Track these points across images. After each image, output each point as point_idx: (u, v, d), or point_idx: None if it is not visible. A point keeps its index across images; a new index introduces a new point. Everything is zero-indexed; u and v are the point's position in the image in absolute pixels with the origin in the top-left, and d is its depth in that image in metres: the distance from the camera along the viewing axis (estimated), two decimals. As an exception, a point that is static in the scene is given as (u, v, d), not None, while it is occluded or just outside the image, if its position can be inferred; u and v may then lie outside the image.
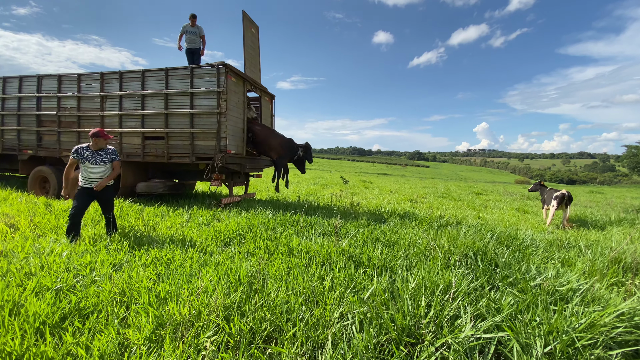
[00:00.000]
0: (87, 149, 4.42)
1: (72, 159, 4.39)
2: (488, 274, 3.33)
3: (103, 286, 2.83)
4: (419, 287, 2.86)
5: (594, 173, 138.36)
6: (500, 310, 2.65)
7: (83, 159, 4.39)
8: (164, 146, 7.00)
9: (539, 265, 3.62)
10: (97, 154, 4.46)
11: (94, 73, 7.59)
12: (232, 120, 6.80)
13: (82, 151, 4.40)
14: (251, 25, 7.98)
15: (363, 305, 2.52)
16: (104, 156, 4.51)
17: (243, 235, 4.42)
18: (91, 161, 4.41)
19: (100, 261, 3.46)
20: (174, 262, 3.47)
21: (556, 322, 2.43)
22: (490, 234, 4.70)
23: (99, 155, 4.47)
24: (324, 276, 3.06)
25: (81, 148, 4.42)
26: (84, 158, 4.39)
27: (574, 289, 3.10)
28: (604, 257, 4.23)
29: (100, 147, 4.47)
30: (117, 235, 4.40)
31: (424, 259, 3.73)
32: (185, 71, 6.78)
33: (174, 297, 2.61)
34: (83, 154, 4.39)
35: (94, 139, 4.40)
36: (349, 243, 3.99)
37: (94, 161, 4.43)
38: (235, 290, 2.74)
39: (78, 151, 4.39)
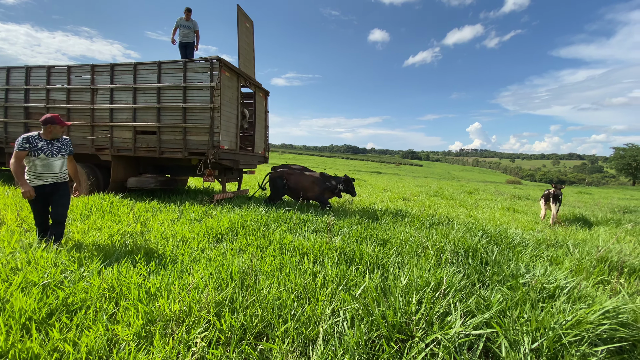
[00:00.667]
0: (40, 138, 3.64)
1: (20, 151, 3.53)
2: (478, 271, 3.37)
3: (92, 282, 2.78)
4: (411, 284, 2.88)
5: (582, 174, 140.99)
6: (490, 307, 2.69)
7: (36, 151, 3.58)
8: (156, 141, 6.91)
9: (528, 263, 3.68)
10: (53, 144, 3.71)
11: (85, 65, 7.45)
12: (225, 115, 6.73)
13: (34, 141, 3.58)
14: (246, 20, 7.90)
15: (355, 302, 2.53)
16: (60, 147, 3.78)
17: (235, 231, 4.40)
18: (47, 152, 3.64)
19: (90, 256, 3.41)
20: (165, 258, 3.43)
21: (543, 319, 2.48)
22: (480, 233, 4.75)
23: (54, 146, 3.72)
24: (316, 273, 3.06)
25: (32, 137, 3.60)
26: (37, 149, 3.58)
27: (561, 286, 3.15)
28: (591, 256, 4.32)
29: (56, 136, 3.74)
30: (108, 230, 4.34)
31: (416, 256, 3.76)
32: (178, 65, 6.69)
33: (165, 293, 2.58)
34: (36, 144, 3.58)
35: (49, 126, 3.64)
36: (341, 240, 3.99)
37: (50, 153, 3.67)
38: (226, 287, 2.72)
39: (29, 140, 3.55)
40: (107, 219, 5.09)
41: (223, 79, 6.54)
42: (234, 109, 7.12)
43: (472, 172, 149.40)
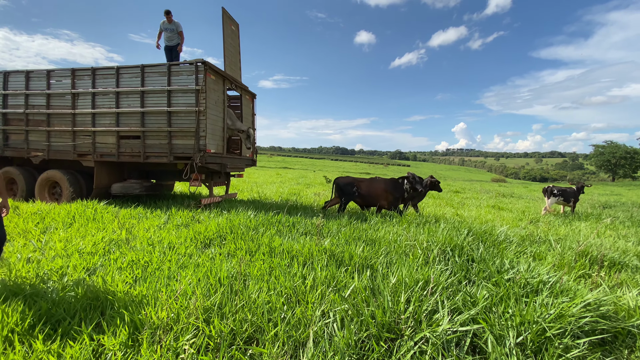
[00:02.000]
0: None
1: None
2: (465, 269, 3.44)
3: (76, 292, 2.72)
4: (399, 284, 2.92)
5: (564, 171, 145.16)
6: (476, 304, 2.74)
7: None
8: (140, 145, 6.79)
9: (512, 259, 3.77)
10: None
11: (65, 69, 7.27)
12: (211, 118, 6.68)
13: None
14: (231, 22, 7.86)
15: (344, 303, 2.54)
16: None
17: (224, 236, 4.36)
18: None
19: (73, 266, 3.32)
20: (152, 265, 3.38)
21: (527, 314, 2.55)
22: (466, 231, 4.84)
23: None
24: (305, 275, 3.07)
25: None
26: None
27: (544, 281, 3.25)
28: (572, 251, 4.46)
29: None
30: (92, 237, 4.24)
31: (404, 255, 3.80)
32: (162, 68, 6.60)
33: (152, 300, 2.54)
34: None
35: None
36: (331, 242, 4.01)
37: None
38: (215, 292, 2.70)
39: None
40: (91, 226, 4.97)
41: (208, 82, 6.49)
42: (220, 112, 7.06)
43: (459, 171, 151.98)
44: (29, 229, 4.72)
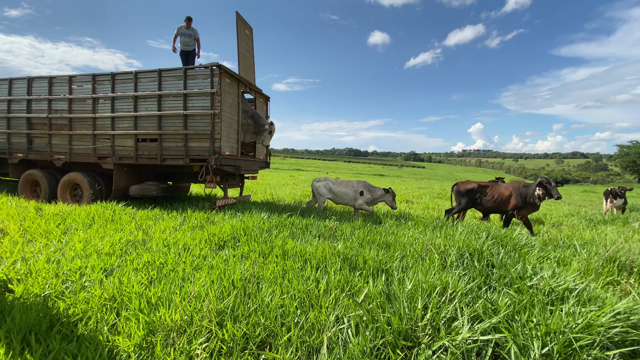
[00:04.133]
0: None
1: None
2: (484, 274, 3.31)
3: (93, 292, 2.76)
4: (416, 289, 2.83)
5: (587, 172, 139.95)
6: (497, 312, 2.63)
7: None
8: (158, 148, 6.92)
9: (535, 265, 3.61)
10: None
11: (86, 75, 7.50)
12: (226, 121, 6.74)
13: None
14: (245, 26, 7.93)
15: (359, 309, 2.48)
16: None
17: (237, 238, 4.37)
18: None
19: (91, 266, 3.39)
20: (167, 266, 3.41)
21: (553, 323, 2.42)
22: (485, 234, 4.68)
23: None
24: (319, 279, 3.02)
25: None
26: None
27: (570, 288, 3.09)
28: (599, 257, 4.24)
29: None
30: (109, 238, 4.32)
31: (420, 260, 3.70)
32: (178, 72, 6.72)
33: (166, 302, 2.55)
34: None
35: None
36: (344, 245, 3.95)
37: None
38: (228, 295, 2.68)
39: None
40: (110, 227, 5.07)
41: (223, 85, 6.55)
42: (234, 115, 7.12)
43: (475, 172, 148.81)
44: (51, 230, 4.86)
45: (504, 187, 6.56)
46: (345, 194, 7.16)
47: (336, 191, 7.20)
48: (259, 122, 7.92)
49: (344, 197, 7.20)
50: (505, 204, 6.45)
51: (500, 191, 6.52)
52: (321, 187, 7.30)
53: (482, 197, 6.58)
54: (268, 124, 7.98)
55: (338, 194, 7.20)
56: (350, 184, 7.26)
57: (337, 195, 7.23)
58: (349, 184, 7.25)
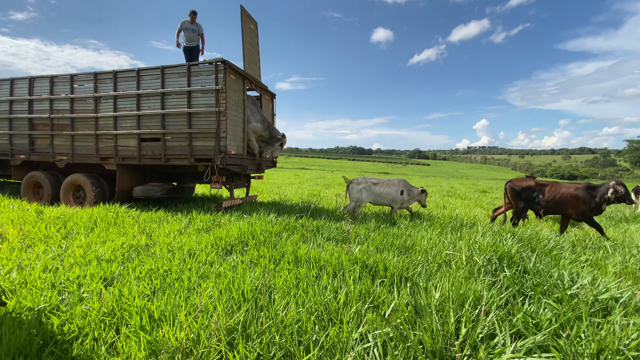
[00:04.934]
0: None
1: None
2: (517, 282, 3.02)
3: (91, 305, 2.52)
4: (445, 300, 2.55)
5: (595, 168, 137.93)
6: (539, 326, 2.34)
7: None
8: (161, 148, 6.69)
9: (571, 270, 3.30)
10: None
11: (87, 73, 7.29)
12: (231, 119, 6.49)
13: None
14: (250, 21, 7.67)
15: (385, 325, 2.21)
16: None
17: (245, 242, 4.11)
18: None
19: (90, 275, 3.15)
20: (171, 274, 3.16)
21: (606, 339, 2.13)
22: (510, 236, 4.38)
23: None
24: (337, 289, 2.75)
25: None
26: None
27: (615, 297, 2.79)
28: (636, 259, 3.92)
29: None
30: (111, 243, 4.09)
31: (445, 265, 3.42)
32: (182, 69, 6.47)
33: (170, 317, 2.30)
34: None
35: None
36: (361, 250, 3.67)
37: None
38: (238, 309, 2.43)
39: None
40: (112, 231, 4.85)
41: (228, 82, 6.30)
42: (240, 112, 6.87)
43: (481, 169, 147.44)
44: (51, 234, 4.65)
45: (565, 186, 6.10)
46: (387, 194, 6.70)
47: (378, 192, 6.70)
48: (272, 134, 7.71)
49: (386, 197, 6.72)
50: (568, 206, 5.93)
51: (562, 191, 6.02)
52: (362, 189, 6.73)
53: (540, 196, 6.11)
54: (280, 135, 7.75)
55: (380, 194, 6.71)
56: (392, 183, 6.81)
57: (379, 196, 6.72)
58: (390, 184, 6.80)
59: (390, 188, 6.71)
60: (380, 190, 6.70)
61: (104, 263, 3.47)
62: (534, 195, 6.13)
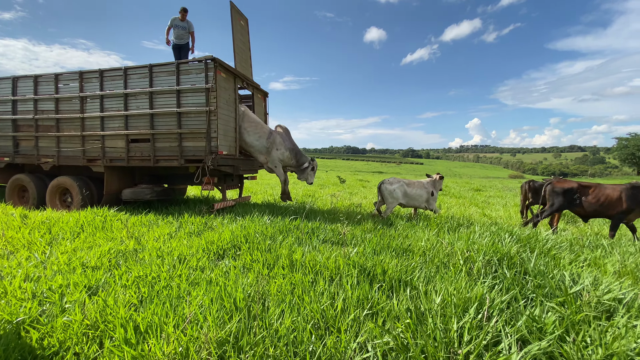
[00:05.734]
0: None
1: None
2: (518, 283, 2.94)
3: (73, 317, 2.36)
4: (446, 305, 2.46)
5: (584, 166, 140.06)
6: (544, 330, 2.26)
7: None
8: (150, 149, 6.50)
9: (571, 270, 3.24)
10: None
11: (72, 72, 7.06)
12: (222, 118, 6.33)
13: None
14: (240, 17, 7.51)
15: (385, 334, 2.10)
16: None
17: (238, 246, 3.97)
18: None
19: (74, 283, 2.99)
20: (160, 281, 3.01)
21: (614, 344, 2.05)
22: (507, 235, 4.32)
23: None
24: (334, 295, 2.63)
25: None
26: None
27: (618, 298, 2.73)
28: (634, 258, 3.89)
29: None
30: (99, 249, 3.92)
31: (443, 267, 3.33)
32: (170, 67, 6.29)
33: (157, 330, 2.16)
34: None
35: None
36: (357, 252, 3.57)
37: None
38: (230, 319, 2.30)
39: None
40: (99, 236, 4.67)
41: (219, 80, 6.14)
42: (231, 111, 6.71)
43: (474, 168, 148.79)
44: (35, 240, 4.45)
45: (610, 188, 5.95)
46: (419, 195, 6.58)
47: (411, 194, 6.57)
48: (300, 161, 7.24)
49: (418, 199, 6.59)
50: (613, 207, 5.77)
51: (607, 193, 5.84)
52: (396, 190, 6.54)
53: (582, 197, 5.94)
54: (309, 160, 7.31)
55: (413, 196, 6.57)
56: (422, 184, 6.70)
57: (411, 198, 6.59)
58: (421, 185, 6.69)
59: (421, 190, 6.62)
60: (412, 191, 6.60)
61: (89, 270, 3.31)
62: (575, 197, 5.99)
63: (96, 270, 3.34)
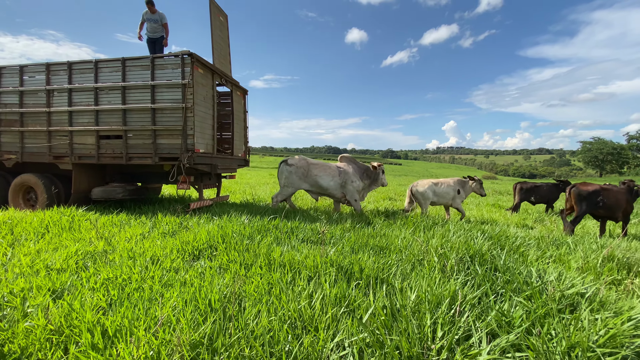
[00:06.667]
0: None
1: None
2: (489, 279, 3.05)
3: (35, 322, 2.23)
4: (421, 301, 2.51)
5: (552, 167, 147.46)
6: (512, 324, 2.36)
7: None
8: (123, 146, 6.25)
9: (537, 266, 3.40)
10: None
11: (39, 64, 6.68)
12: (199, 115, 6.18)
13: None
14: (219, 13, 7.36)
15: (361, 330, 2.12)
16: None
17: (215, 246, 3.89)
18: None
19: (37, 287, 2.83)
20: (130, 283, 2.90)
21: (575, 336, 2.17)
22: (480, 234, 4.47)
23: None
24: (312, 293, 2.63)
25: None
26: None
27: (581, 292, 2.89)
28: (596, 254, 4.12)
29: None
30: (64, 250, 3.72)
31: (418, 264, 3.40)
32: (145, 61, 6.07)
33: (126, 333, 2.08)
34: None
35: None
36: (336, 251, 3.58)
37: None
38: (205, 320, 2.24)
39: None
40: (66, 237, 4.44)
41: (196, 76, 5.99)
42: (209, 108, 6.57)
43: (450, 169, 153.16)
44: (-7, 242, 4.17)
45: (617, 189, 6.27)
46: (447, 192, 6.99)
47: (439, 191, 7.00)
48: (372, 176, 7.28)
49: (445, 196, 7.00)
50: (621, 209, 6.11)
51: (618, 195, 6.17)
52: (427, 191, 7.00)
53: (605, 200, 6.14)
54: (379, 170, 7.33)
55: (441, 194, 7.00)
56: (449, 182, 7.05)
57: (440, 195, 7.01)
58: (448, 183, 7.04)
59: (449, 187, 7.02)
60: (440, 189, 7.02)
61: (54, 273, 3.14)
62: (598, 199, 6.19)
63: (62, 273, 3.18)
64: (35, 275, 3.16)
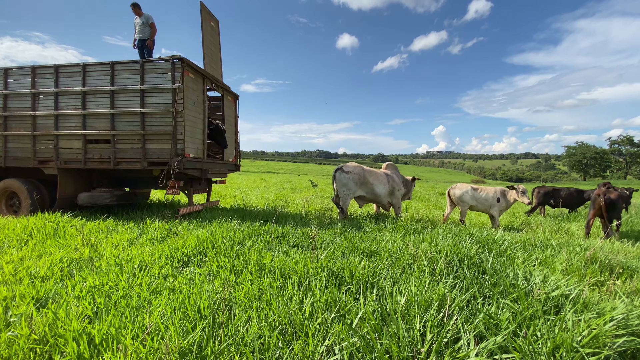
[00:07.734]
0: None
1: None
2: (477, 282, 3.10)
3: (18, 331, 2.17)
4: (410, 305, 2.54)
5: (538, 171, 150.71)
6: (499, 326, 2.40)
7: None
8: (110, 150, 6.16)
9: (524, 269, 3.47)
10: None
11: (24, 67, 6.55)
12: (190, 120, 6.14)
13: None
14: (210, 18, 7.36)
15: (352, 335, 2.13)
16: None
17: (204, 252, 3.86)
18: None
19: (20, 295, 2.75)
20: (118, 291, 2.85)
21: (559, 337, 2.22)
22: (468, 237, 4.54)
23: None
24: (302, 299, 2.63)
25: None
26: None
27: (565, 294, 2.96)
28: (579, 256, 4.23)
29: None
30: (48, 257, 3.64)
31: (408, 268, 3.43)
32: (134, 65, 6.02)
33: (113, 342, 2.04)
34: None
35: None
36: (327, 256, 3.59)
37: None
38: (194, 327, 2.22)
39: None
40: (50, 243, 4.34)
41: (186, 81, 5.96)
42: (199, 113, 6.53)
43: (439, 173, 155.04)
44: (-26, 249, 4.05)
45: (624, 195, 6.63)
46: (485, 200, 7.18)
47: (478, 197, 7.19)
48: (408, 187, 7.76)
49: (484, 203, 7.17)
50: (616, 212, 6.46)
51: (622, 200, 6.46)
52: (466, 195, 7.20)
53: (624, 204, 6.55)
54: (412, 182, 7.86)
55: (479, 199, 7.18)
56: (488, 190, 7.26)
57: (478, 201, 7.19)
58: (489, 190, 7.24)
59: (487, 195, 7.21)
60: (479, 195, 7.23)
61: (37, 281, 3.06)
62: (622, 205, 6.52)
63: (46, 281, 3.11)
64: (18, 283, 3.08)
